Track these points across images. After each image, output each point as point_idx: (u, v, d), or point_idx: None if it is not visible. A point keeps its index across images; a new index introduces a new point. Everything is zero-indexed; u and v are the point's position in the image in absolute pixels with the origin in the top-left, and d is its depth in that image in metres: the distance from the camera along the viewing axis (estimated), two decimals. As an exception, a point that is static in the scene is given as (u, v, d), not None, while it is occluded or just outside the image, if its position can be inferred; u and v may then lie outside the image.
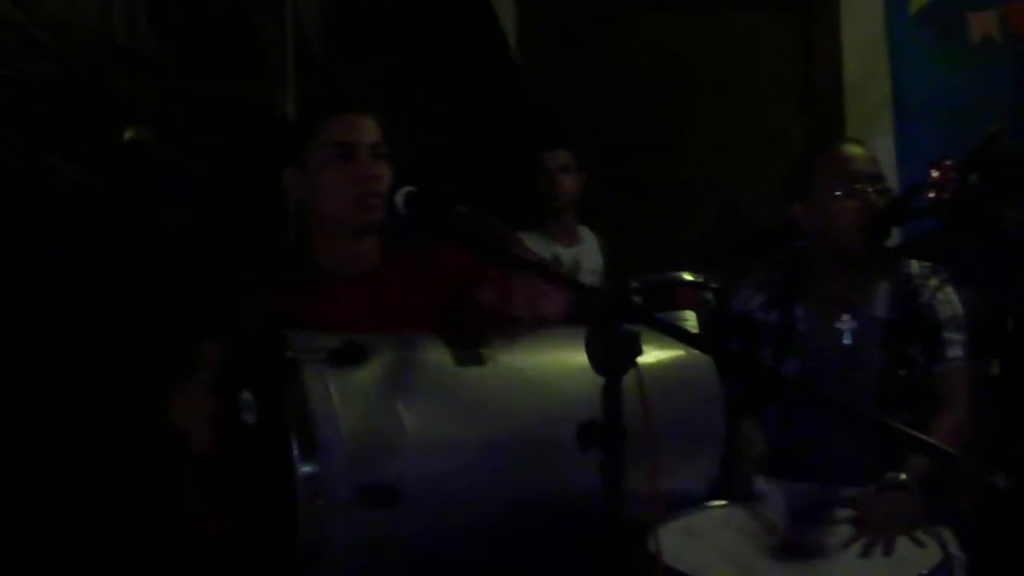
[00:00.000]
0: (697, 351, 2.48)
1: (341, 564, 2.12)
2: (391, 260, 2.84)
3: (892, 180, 5.65)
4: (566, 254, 5.18)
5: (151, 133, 3.04)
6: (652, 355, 2.21)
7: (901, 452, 3.05)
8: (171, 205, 3.21)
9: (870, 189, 3.16)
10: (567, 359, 2.32)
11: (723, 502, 2.85)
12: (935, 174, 5.00)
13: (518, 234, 4.95)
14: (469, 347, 2.36)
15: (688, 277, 4.12)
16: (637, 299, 4.01)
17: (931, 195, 4.98)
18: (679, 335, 2.05)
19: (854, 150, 3.25)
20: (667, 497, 2.28)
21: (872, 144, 5.70)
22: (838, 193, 3.16)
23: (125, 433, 2.79)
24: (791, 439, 3.19)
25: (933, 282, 3.19)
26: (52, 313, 2.87)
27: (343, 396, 2.14)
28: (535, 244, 5.09)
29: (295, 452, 2.09)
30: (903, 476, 2.84)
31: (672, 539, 2.56)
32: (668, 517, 2.61)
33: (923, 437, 1.90)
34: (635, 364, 1.96)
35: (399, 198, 2.46)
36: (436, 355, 2.31)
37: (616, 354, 1.96)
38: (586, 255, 5.22)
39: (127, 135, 3.03)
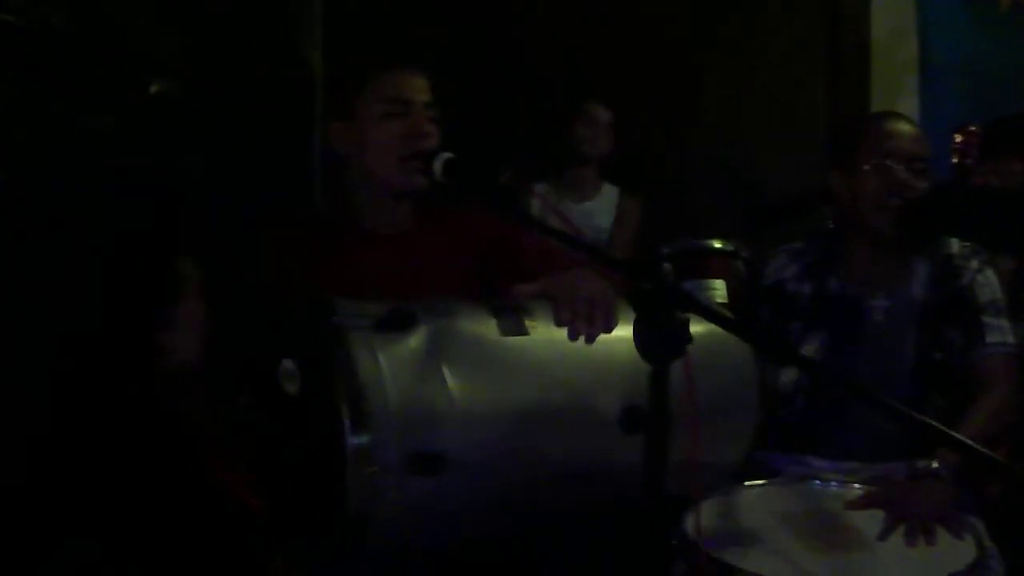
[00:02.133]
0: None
1: (388, 531, 2.11)
2: (426, 222, 2.79)
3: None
4: (583, 208, 5.12)
5: (177, 86, 2.97)
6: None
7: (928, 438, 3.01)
8: (197, 157, 3.15)
9: (902, 167, 3.08)
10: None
11: (758, 482, 2.81)
12: (959, 139, 4.97)
13: (534, 187, 5.01)
14: (513, 315, 2.32)
15: (718, 245, 4.07)
16: (667, 266, 3.95)
17: (954, 160, 4.96)
18: (724, 322, 1.98)
19: (900, 127, 3.16)
20: (704, 470, 2.27)
21: (897, 105, 5.68)
22: (867, 167, 3.09)
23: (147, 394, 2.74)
24: (817, 414, 3.14)
25: (974, 263, 3.12)
26: (78, 266, 2.83)
27: (391, 365, 2.12)
28: (548, 196, 5.05)
29: (346, 422, 2.06)
30: (935, 464, 2.79)
31: (709, 523, 2.52)
32: (704, 496, 2.56)
33: (945, 430, 1.83)
34: (685, 352, 1.90)
35: (437, 164, 2.41)
36: (480, 324, 2.28)
37: (665, 342, 1.91)
38: (598, 211, 5.16)
39: (153, 88, 2.96)
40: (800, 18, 5.83)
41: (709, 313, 1.95)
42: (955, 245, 3.16)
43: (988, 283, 3.11)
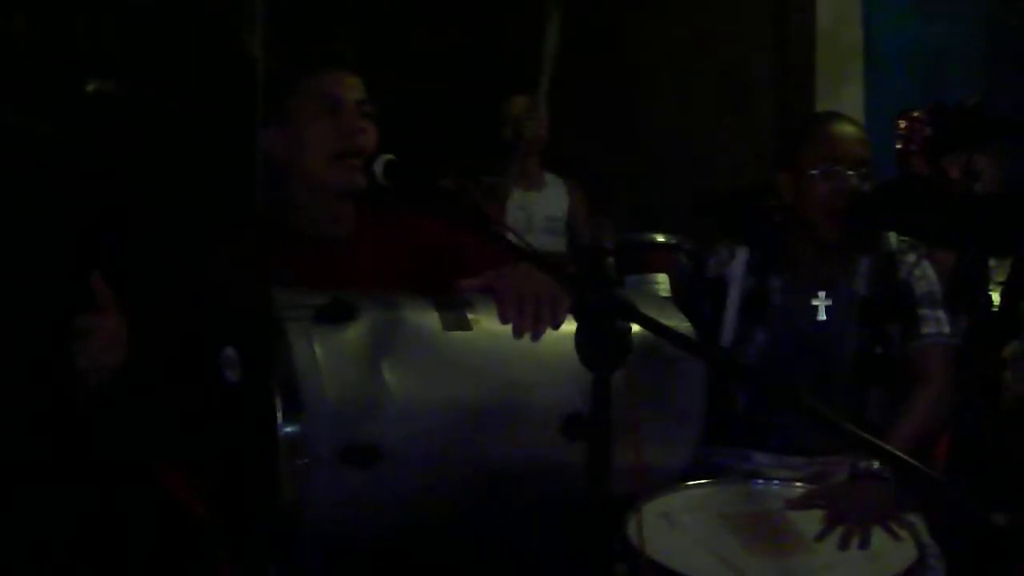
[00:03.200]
0: (682, 325, 2.48)
1: (322, 522, 2.11)
2: (368, 225, 2.76)
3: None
4: (533, 199, 5.11)
5: (114, 85, 2.93)
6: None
7: (875, 428, 3.04)
8: (136, 158, 3.10)
9: (851, 173, 3.09)
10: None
11: (700, 481, 2.81)
12: (903, 124, 5.00)
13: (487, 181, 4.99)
14: (457, 310, 2.30)
15: (661, 239, 4.08)
16: (610, 259, 3.97)
17: (898, 146, 4.99)
18: (662, 332, 1.97)
19: (845, 130, 3.17)
20: (648, 473, 2.27)
21: (841, 91, 5.72)
22: (816, 172, 3.10)
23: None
24: (759, 409, 3.15)
25: (911, 257, 3.15)
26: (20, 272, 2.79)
27: (328, 355, 2.11)
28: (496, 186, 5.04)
29: (279, 412, 2.06)
30: (875, 464, 2.81)
31: (650, 525, 2.52)
32: (646, 497, 2.57)
33: (884, 445, 1.84)
34: (626, 361, 1.90)
35: (377, 166, 2.38)
36: (423, 317, 2.26)
37: (606, 351, 1.91)
38: (546, 202, 5.16)
39: (90, 88, 2.92)
40: (746, 5, 5.84)
41: (649, 324, 1.94)
42: (893, 240, 3.18)
43: (925, 276, 3.14)
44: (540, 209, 5.12)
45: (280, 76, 2.76)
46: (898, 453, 1.83)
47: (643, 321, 1.92)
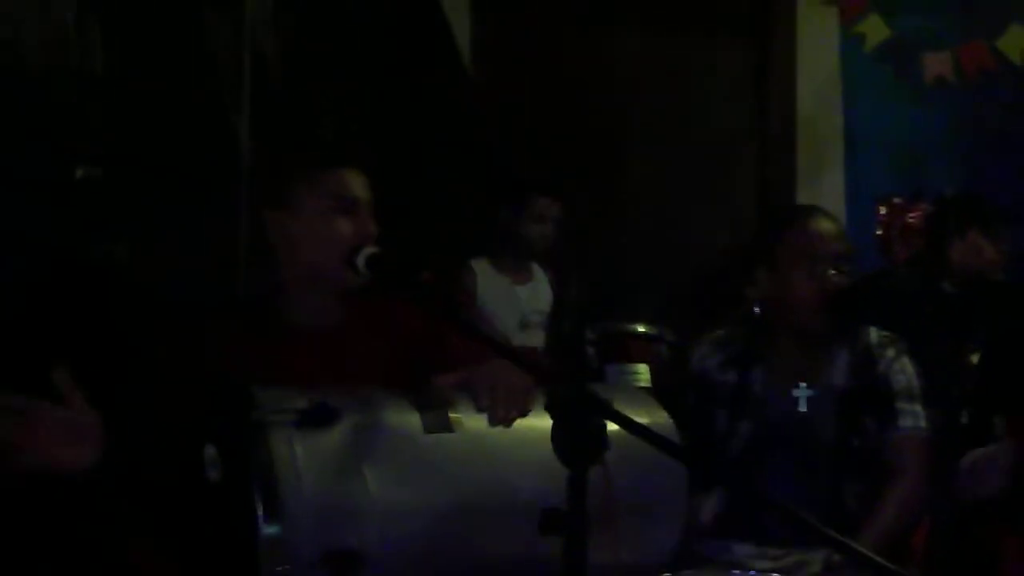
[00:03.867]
0: (661, 419, 2.49)
1: None
2: (351, 316, 2.76)
3: (840, 214, 5.71)
4: (521, 291, 5.13)
5: (101, 171, 2.95)
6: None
7: (852, 519, 3.06)
8: (120, 240, 3.13)
9: (833, 272, 3.13)
10: (535, 425, 2.28)
11: (680, 572, 2.81)
12: (883, 211, 5.04)
13: (472, 264, 5.01)
14: (438, 412, 2.31)
15: (642, 329, 4.11)
16: (591, 350, 4.00)
17: (879, 232, 5.03)
18: (645, 435, 1.99)
19: (824, 226, 3.22)
20: (627, 570, 2.27)
21: (822, 178, 5.78)
22: (801, 271, 3.13)
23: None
24: (741, 501, 3.17)
25: (890, 352, 3.20)
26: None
27: (309, 459, 2.12)
28: (487, 274, 5.06)
29: (260, 515, 2.06)
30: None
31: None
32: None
33: (854, 546, 1.86)
34: (602, 458, 1.92)
35: (360, 259, 2.41)
36: (404, 419, 2.27)
37: (582, 448, 1.92)
38: (537, 294, 5.18)
39: (78, 173, 2.95)
40: (728, 91, 5.91)
41: (625, 423, 1.96)
42: (873, 334, 3.22)
43: (904, 371, 3.18)
44: (528, 303, 5.13)
45: (285, 161, 2.77)
46: (864, 551, 1.86)
47: (619, 420, 1.94)
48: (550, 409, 1.95)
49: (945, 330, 3.25)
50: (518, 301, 5.07)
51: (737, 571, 2.92)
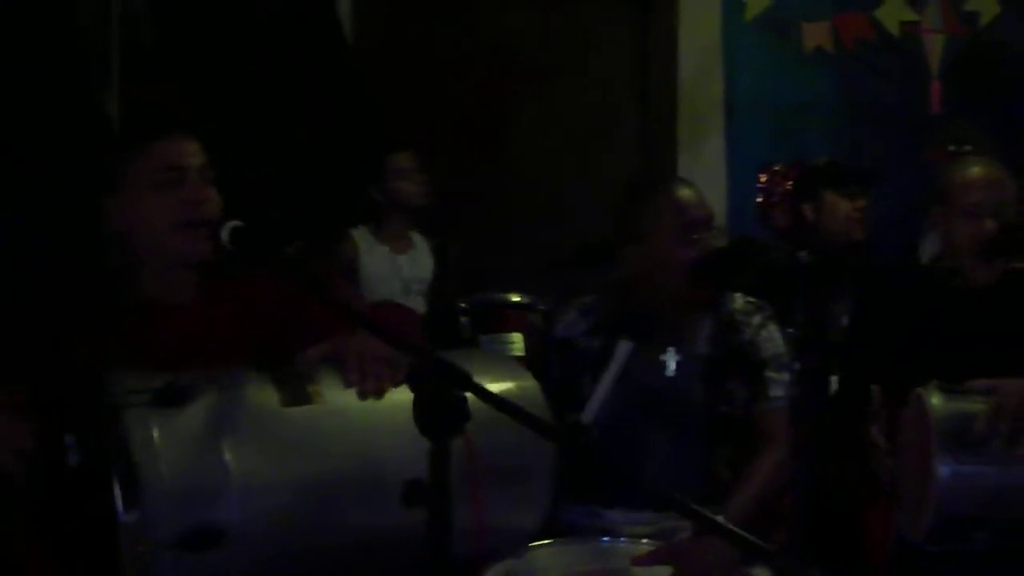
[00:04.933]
0: (530, 388, 2.49)
1: None
2: (212, 290, 2.73)
3: (721, 181, 5.79)
4: (402, 260, 5.13)
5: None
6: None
7: (722, 483, 3.12)
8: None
9: (699, 236, 3.16)
10: (397, 397, 2.29)
11: (547, 541, 2.84)
12: (764, 178, 5.12)
13: (352, 235, 5.00)
14: (296, 385, 2.31)
15: (516, 298, 4.12)
16: (465, 320, 3.99)
17: (759, 199, 5.10)
18: (497, 403, 2.01)
19: (690, 194, 3.24)
20: (496, 535, 2.32)
21: (703, 146, 5.84)
22: (668, 240, 3.16)
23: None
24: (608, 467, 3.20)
25: (756, 320, 3.23)
26: None
27: (166, 439, 2.10)
28: (368, 243, 5.06)
29: (117, 500, 2.07)
30: (720, 518, 2.86)
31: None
32: (495, 558, 2.59)
33: (712, 517, 1.91)
34: (463, 430, 1.93)
35: (224, 233, 2.39)
36: (262, 394, 2.27)
37: (443, 419, 1.94)
38: (418, 262, 5.18)
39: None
40: (608, 59, 5.93)
41: (482, 393, 1.97)
42: (738, 301, 3.26)
43: (771, 339, 3.22)
44: (408, 271, 5.13)
45: (120, 145, 2.74)
46: (723, 523, 1.89)
47: (477, 390, 1.95)
48: (411, 381, 1.96)
49: (804, 297, 3.31)
50: (399, 269, 5.08)
51: (607, 538, 2.97)
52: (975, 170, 3.28)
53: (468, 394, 1.93)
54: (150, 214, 2.63)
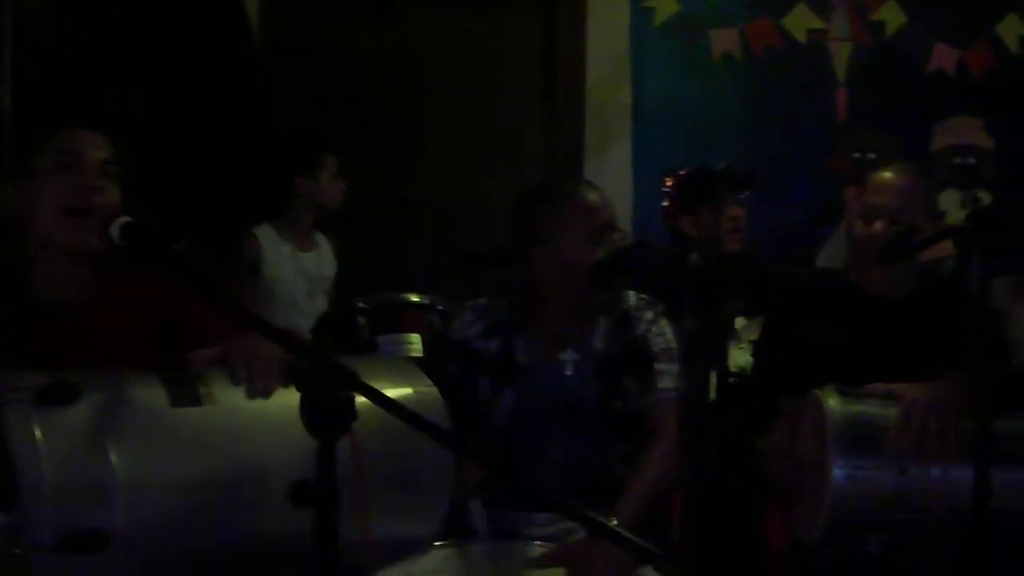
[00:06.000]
0: (426, 390, 2.49)
1: None
2: (102, 288, 2.69)
3: (628, 186, 5.82)
4: (306, 259, 5.09)
5: None
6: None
7: (619, 481, 3.12)
8: None
9: (609, 240, 3.18)
10: (288, 399, 2.17)
11: (442, 543, 2.83)
12: (669, 183, 5.15)
13: (255, 233, 4.95)
14: (186, 385, 2.27)
15: (415, 299, 4.11)
16: (363, 320, 3.97)
17: (664, 203, 5.13)
18: (387, 405, 1.99)
19: (597, 199, 3.25)
20: (394, 540, 2.33)
21: (610, 151, 5.86)
22: (575, 243, 3.16)
23: None
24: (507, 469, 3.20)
25: (648, 314, 3.26)
26: None
27: (49, 438, 2.07)
28: (272, 242, 5.01)
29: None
30: (613, 522, 2.87)
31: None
32: (390, 562, 2.57)
33: (599, 520, 1.90)
34: (349, 429, 1.91)
35: (114, 228, 2.35)
36: (151, 394, 2.23)
37: (329, 419, 1.92)
38: (322, 261, 5.15)
39: None
40: (516, 63, 5.93)
41: (371, 393, 1.95)
42: (632, 298, 3.28)
43: (662, 333, 3.25)
44: (314, 270, 5.09)
45: (30, 133, 2.71)
46: (609, 526, 1.89)
47: (363, 389, 1.93)
48: (297, 381, 1.94)
49: (691, 300, 3.33)
50: (304, 268, 5.04)
51: (503, 539, 2.97)
52: (883, 174, 3.31)
53: (365, 400, 1.93)
54: (40, 197, 2.61)
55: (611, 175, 5.69)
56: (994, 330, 3.21)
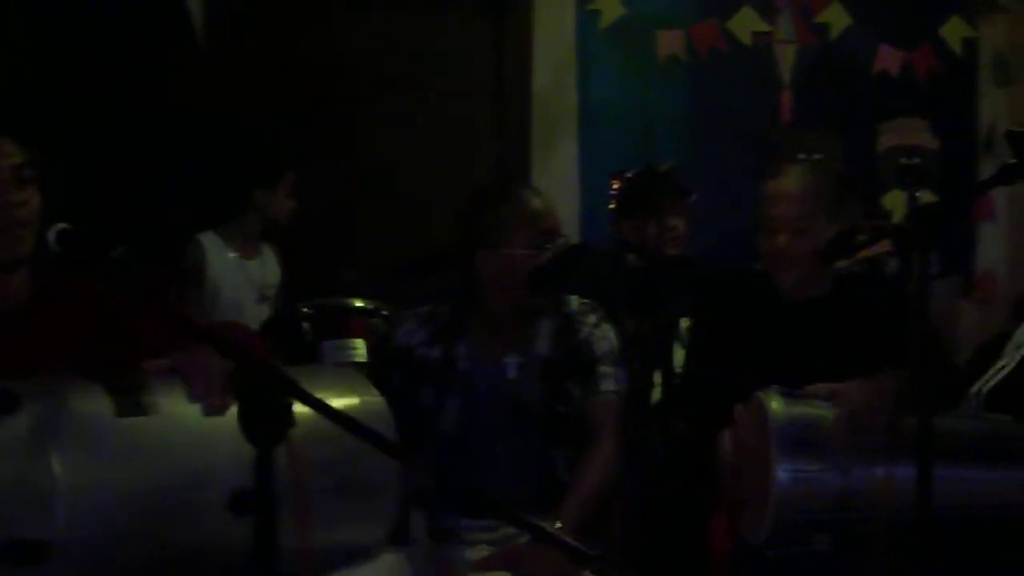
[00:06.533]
0: (371, 398, 2.51)
1: None
2: (45, 295, 2.64)
3: (575, 188, 5.82)
4: (251, 266, 5.05)
5: None
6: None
7: (563, 485, 3.13)
8: None
9: (551, 244, 3.18)
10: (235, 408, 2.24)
11: (389, 547, 2.82)
12: (615, 185, 5.15)
13: (200, 239, 4.91)
14: (130, 395, 2.26)
15: (359, 304, 4.10)
16: (307, 326, 3.96)
17: (611, 205, 5.13)
18: (325, 411, 1.98)
19: (541, 204, 3.26)
20: (340, 547, 2.36)
21: (557, 153, 5.86)
22: (518, 248, 3.17)
23: None
24: (452, 473, 3.21)
25: (591, 318, 3.28)
26: None
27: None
28: (217, 249, 4.97)
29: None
30: (557, 525, 2.89)
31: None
32: (336, 568, 2.56)
33: (537, 524, 1.91)
34: (287, 435, 1.91)
35: (51, 235, 2.32)
36: (94, 403, 2.22)
37: (266, 426, 1.91)
38: (267, 269, 5.12)
39: None
40: (463, 65, 5.92)
41: (310, 401, 1.94)
42: (575, 302, 3.30)
43: (605, 336, 3.27)
44: (260, 277, 5.06)
45: None
46: (548, 529, 1.89)
47: (303, 397, 1.93)
48: (235, 389, 1.94)
49: (631, 300, 3.35)
50: (249, 275, 5.01)
51: (447, 542, 2.97)
52: (776, 183, 3.31)
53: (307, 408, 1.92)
54: None
55: (558, 176, 5.70)
56: (933, 328, 3.23)
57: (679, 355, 3.88)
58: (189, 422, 2.29)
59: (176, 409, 2.29)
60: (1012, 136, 2.43)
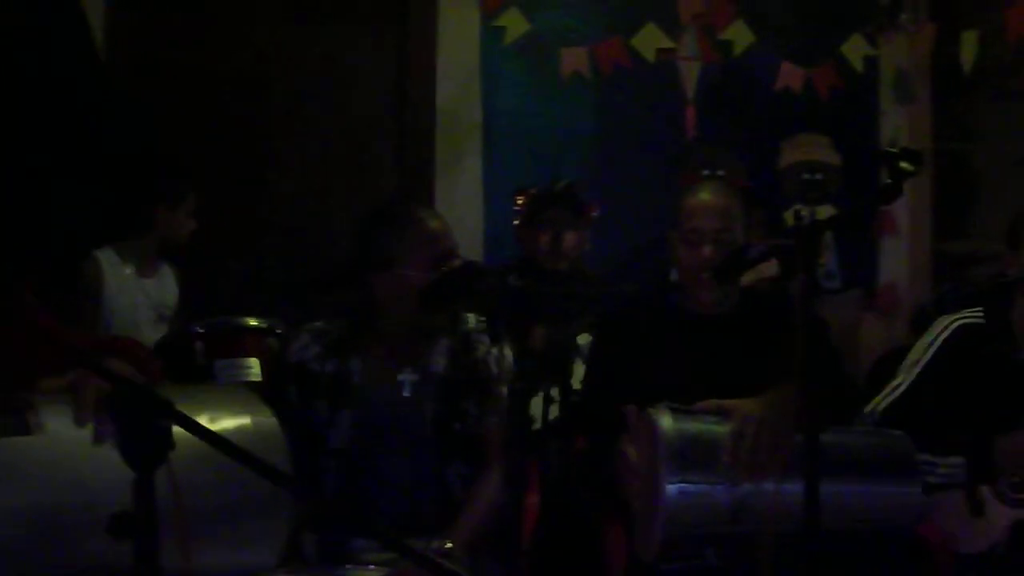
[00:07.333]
0: (264, 418, 2.49)
1: None
2: None
3: (479, 204, 5.83)
4: (148, 284, 5.01)
5: None
6: (217, 424, 2.29)
7: (457, 502, 3.14)
8: None
9: (448, 265, 3.19)
10: None
11: (287, 570, 2.80)
12: (519, 202, 5.17)
13: (97, 256, 4.86)
14: (15, 415, 2.24)
15: (253, 322, 4.08)
16: (200, 345, 3.93)
17: (516, 222, 5.15)
18: (204, 436, 1.97)
19: (438, 225, 3.28)
20: (231, 569, 2.34)
21: (460, 169, 5.87)
22: (418, 268, 3.19)
23: None
24: (349, 493, 3.21)
25: (488, 338, 3.29)
26: None
27: None
28: (113, 266, 4.93)
29: None
30: (448, 544, 2.90)
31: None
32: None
33: (412, 548, 1.93)
34: (166, 459, 1.90)
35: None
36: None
37: (145, 449, 1.90)
38: (164, 287, 5.08)
39: None
40: (366, 81, 5.92)
41: (186, 422, 1.93)
42: (472, 321, 3.33)
43: (503, 356, 3.31)
44: (157, 295, 5.02)
45: None
46: (422, 552, 1.90)
47: (181, 421, 1.92)
48: (114, 410, 1.92)
49: (511, 320, 3.37)
50: (146, 293, 4.97)
51: (347, 565, 2.96)
52: (699, 196, 3.36)
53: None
54: None
55: (462, 194, 5.71)
56: (824, 343, 3.28)
57: (579, 371, 3.89)
58: (74, 443, 2.26)
59: (62, 430, 2.26)
60: (885, 156, 2.48)
